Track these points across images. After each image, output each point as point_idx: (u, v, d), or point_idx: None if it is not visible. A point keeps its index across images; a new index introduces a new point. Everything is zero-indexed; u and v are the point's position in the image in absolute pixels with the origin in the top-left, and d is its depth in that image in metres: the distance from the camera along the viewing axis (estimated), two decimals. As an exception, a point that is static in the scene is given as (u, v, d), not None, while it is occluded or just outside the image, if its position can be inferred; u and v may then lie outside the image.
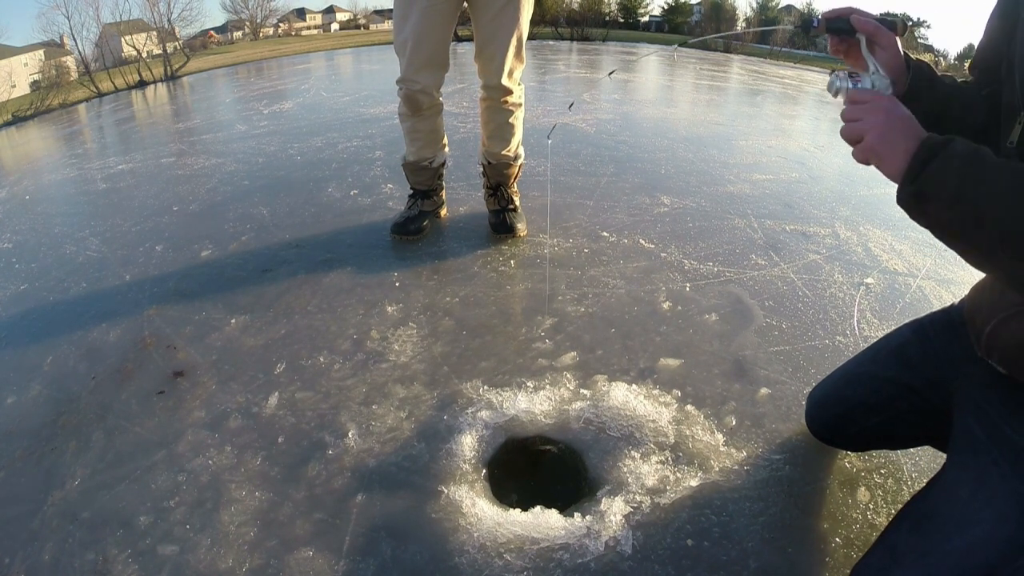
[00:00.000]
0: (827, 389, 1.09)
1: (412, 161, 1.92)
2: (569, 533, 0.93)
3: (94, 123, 5.86)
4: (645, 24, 23.21)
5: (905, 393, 0.93)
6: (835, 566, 0.89)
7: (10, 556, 0.94)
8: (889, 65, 0.77)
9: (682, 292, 1.64)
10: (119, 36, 11.83)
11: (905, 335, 0.97)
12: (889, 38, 0.77)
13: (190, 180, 2.78)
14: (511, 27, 1.67)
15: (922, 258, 1.94)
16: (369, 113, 4.06)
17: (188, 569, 0.90)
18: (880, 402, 0.96)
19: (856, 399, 1.00)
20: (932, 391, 0.89)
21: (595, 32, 14.61)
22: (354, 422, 1.18)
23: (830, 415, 1.07)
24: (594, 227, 2.04)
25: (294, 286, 1.70)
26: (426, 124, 1.84)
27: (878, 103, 0.69)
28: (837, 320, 1.54)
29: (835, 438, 1.09)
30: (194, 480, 1.06)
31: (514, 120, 1.85)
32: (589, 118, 3.80)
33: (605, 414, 1.17)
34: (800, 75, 8.64)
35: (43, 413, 1.27)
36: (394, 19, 1.69)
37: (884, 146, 0.67)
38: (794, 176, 2.77)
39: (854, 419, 1.01)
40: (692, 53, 11.40)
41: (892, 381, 0.95)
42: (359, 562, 0.90)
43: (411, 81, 1.71)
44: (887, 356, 0.98)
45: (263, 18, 20.39)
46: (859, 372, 1.02)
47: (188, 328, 1.53)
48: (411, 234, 1.94)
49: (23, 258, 2.08)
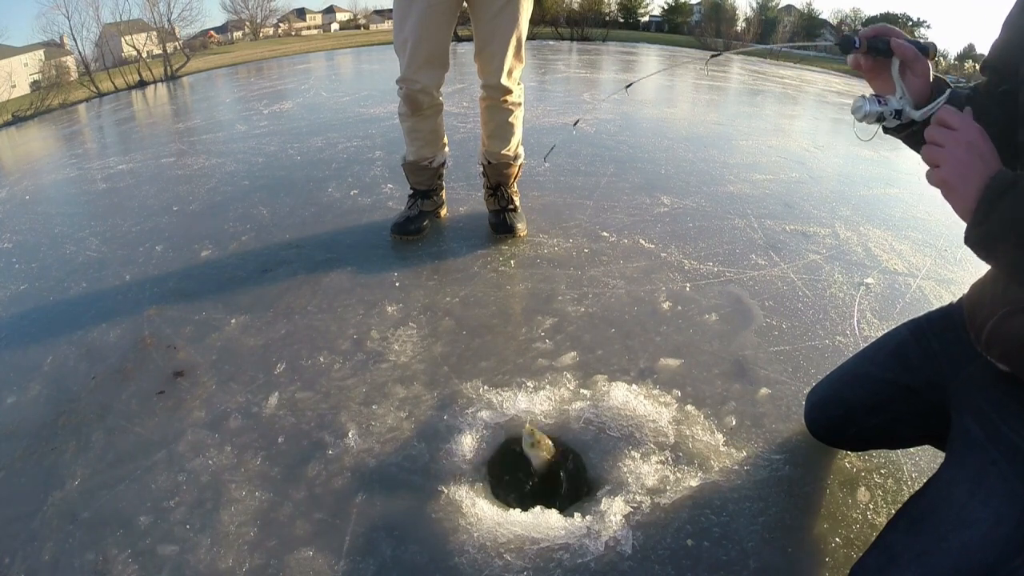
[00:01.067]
0: (826, 391, 1.09)
1: (412, 161, 1.92)
2: (569, 533, 0.93)
3: (94, 123, 5.86)
4: (645, 24, 23.23)
5: (904, 394, 0.93)
6: (835, 566, 0.89)
7: (10, 556, 0.94)
8: (917, 91, 0.77)
9: (682, 292, 1.64)
10: (119, 36, 11.83)
11: (903, 335, 0.97)
12: (924, 65, 0.76)
13: (190, 180, 2.78)
14: (511, 27, 1.67)
15: (922, 258, 1.94)
16: (369, 113, 4.06)
17: (188, 569, 0.90)
18: (880, 403, 0.96)
19: (856, 400, 1.00)
20: (932, 391, 0.89)
21: (595, 32, 14.62)
22: (354, 422, 1.18)
23: (830, 416, 1.07)
24: (594, 227, 2.04)
25: (294, 286, 1.70)
26: (426, 124, 1.84)
27: (964, 135, 0.67)
28: (837, 320, 1.54)
29: (835, 439, 1.09)
30: (194, 480, 1.06)
31: (514, 119, 1.85)
32: (589, 118, 3.79)
33: (605, 414, 1.17)
34: (800, 75, 8.65)
35: (43, 413, 1.27)
36: (394, 19, 1.69)
37: (957, 180, 0.66)
38: (794, 176, 2.77)
39: (854, 420, 1.01)
40: (692, 53, 11.39)
41: (891, 382, 0.94)
42: (359, 562, 0.90)
43: (411, 81, 1.71)
44: (886, 357, 0.98)
45: (263, 18, 20.41)
46: (858, 373, 1.02)
47: (188, 328, 1.53)
48: (411, 234, 1.94)
49: (23, 258, 2.08)
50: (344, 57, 9.85)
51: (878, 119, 0.80)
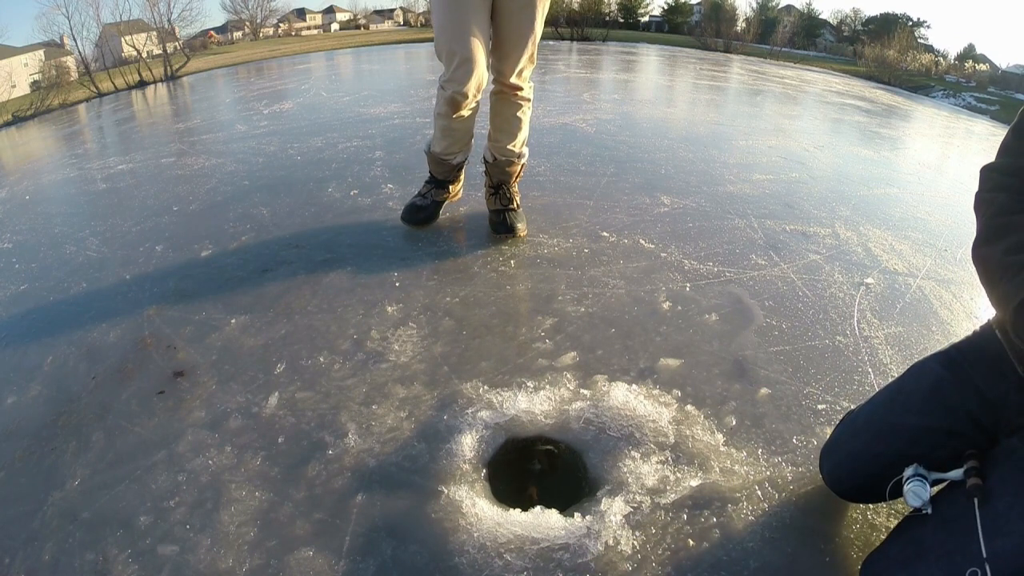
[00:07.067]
0: (854, 446, 0.96)
1: (436, 152, 1.94)
2: (569, 533, 0.93)
3: (94, 123, 5.86)
4: (645, 24, 23.20)
5: (945, 440, 0.85)
6: (835, 566, 0.89)
7: (10, 556, 0.94)
8: None
9: (682, 292, 1.64)
10: (119, 36, 11.82)
11: (937, 372, 0.88)
12: None
13: (190, 180, 2.78)
14: (528, 27, 1.69)
15: (922, 258, 1.94)
16: (369, 113, 4.06)
17: (188, 569, 0.90)
18: (920, 453, 0.86)
19: (891, 455, 0.89)
20: (977, 431, 0.83)
21: (595, 32, 14.61)
22: (354, 422, 1.18)
23: (865, 475, 0.93)
24: (594, 227, 2.04)
25: (294, 286, 1.70)
26: (462, 125, 1.85)
27: None
28: (837, 320, 1.54)
29: (868, 497, 0.98)
30: (194, 480, 1.06)
31: (522, 115, 1.87)
32: (589, 118, 3.79)
33: (605, 414, 1.17)
34: (800, 75, 8.65)
35: (43, 413, 1.27)
36: (434, 22, 1.68)
37: None
38: (794, 176, 2.77)
39: (891, 475, 0.88)
40: (692, 53, 11.39)
41: (931, 429, 0.86)
42: (359, 562, 0.90)
43: (455, 83, 1.67)
44: (922, 401, 0.88)
45: (263, 18, 20.38)
46: (892, 424, 0.91)
47: (188, 328, 1.53)
48: (417, 223, 2.00)
49: (23, 258, 2.08)
50: (344, 57, 9.85)
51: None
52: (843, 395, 1.26)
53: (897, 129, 5.04)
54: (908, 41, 17.36)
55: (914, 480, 0.81)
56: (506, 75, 1.77)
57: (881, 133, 4.58)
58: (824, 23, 22.94)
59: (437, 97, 1.78)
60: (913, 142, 4.55)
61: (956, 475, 0.80)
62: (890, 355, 1.41)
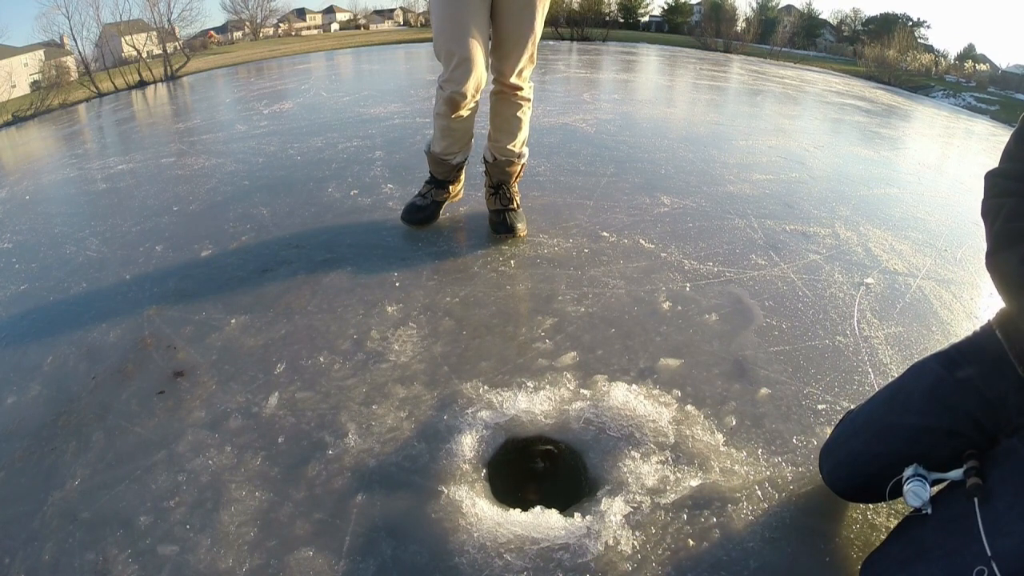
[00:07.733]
0: (854, 446, 0.97)
1: (436, 152, 1.94)
2: (569, 533, 0.93)
3: (94, 123, 5.86)
4: (645, 24, 23.20)
5: (946, 439, 0.85)
6: (835, 566, 0.90)
7: (10, 556, 0.94)
8: None
9: (682, 292, 1.64)
10: (119, 36, 11.82)
11: (936, 372, 0.88)
12: None
13: (190, 180, 2.78)
14: (528, 27, 1.69)
15: (922, 258, 1.94)
16: (369, 113, 4.06)
17: (188, 569, 0.90)
18: (920, 452, 0.86)
19: (891, 455, 0.89)
20: (977, 431, 0.83)
21: (595, 32, 14.61)
22: (354, 422, 1.18)
23: (864, 475, 0.94)
24: (594, 227, 2.04)
25: (294, 286, 1.70)
26: (461, 124, 1.85)
27: None
28: (837, 320, 1.54)
29: (868, 497, 0.98)
30: (194, 480, 1.06)
31: (522, 114, 1.87)
32: (589, 118, 3.79)
33: (605, 414, 1.17)
34: (800, 75, 8.65)
35: (43, 413, 1.27)
36: (433, 22, 1.67)
37: None
38: (794, 176, 2.77)
39: (891, 475, 0.89)
40: (692, 53, 11.40)
41: (931, 429, 0.86)
42: (359, 562, 0.90)
43: (454, 83, 1.67)
44: (921, 401, 0.88)
45: (263, 18, 20.37)
46: (892, 424, 0.91)
47: (188, 328, 1.53)
48: (416, 224, 2.00)
49: (23, 258, 2.08)
50: (344, 57, 9.85)
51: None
52: (843, 395, 1.26)
53: (897, 129, 5.04)
54: (908, 41, 17.34)
55: (914, 480, 0.81)
56: (506, 75, 1.77)
57: (881, 133, 4.58)
58: (824, 23, 22.92)
59: (436, 97, 1.78)
60: (913, 142, 4.56)
61: (956, 475, 0.80)
62: (890, 355, 1.41)
